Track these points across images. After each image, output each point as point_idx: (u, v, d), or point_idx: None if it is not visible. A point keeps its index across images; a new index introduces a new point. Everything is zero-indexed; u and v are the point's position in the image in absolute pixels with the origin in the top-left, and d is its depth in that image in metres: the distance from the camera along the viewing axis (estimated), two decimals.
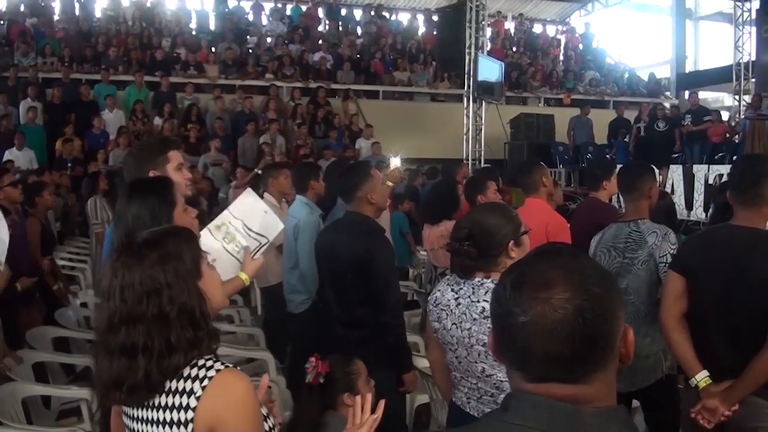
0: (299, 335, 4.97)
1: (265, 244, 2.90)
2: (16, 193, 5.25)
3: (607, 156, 13.98)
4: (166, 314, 1.62)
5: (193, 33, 16.72)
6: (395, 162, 6.44)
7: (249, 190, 3.10)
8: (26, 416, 3.76)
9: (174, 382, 1.62)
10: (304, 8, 18.72)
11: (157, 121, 13.01)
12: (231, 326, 5.67)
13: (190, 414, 1.60)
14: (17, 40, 14.32)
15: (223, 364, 1.66)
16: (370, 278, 3.46)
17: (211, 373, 1.62)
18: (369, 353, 3.27)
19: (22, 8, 16.06)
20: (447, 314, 2.58)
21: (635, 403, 3.73)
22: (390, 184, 5.72)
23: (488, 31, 16.93)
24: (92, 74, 14.14)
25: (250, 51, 16.30)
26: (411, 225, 7.71)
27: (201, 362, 1.64)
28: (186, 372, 1.62)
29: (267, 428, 1.78)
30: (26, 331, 4.63)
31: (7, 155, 11.21)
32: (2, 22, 15.41)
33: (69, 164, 11.43)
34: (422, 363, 4.12)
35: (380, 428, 3.42)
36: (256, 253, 2.84)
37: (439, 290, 2.70)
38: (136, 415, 1.68)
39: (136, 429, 1.69)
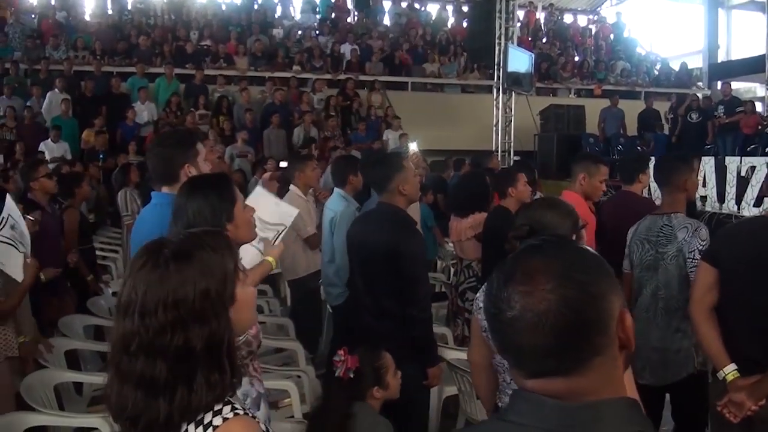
0: (337, 327, 5.02)
1: (283, 230, 2.98)
2: (50, 184, 5.31)
3: (638, 148, 13.81)
4: (192, 349, 1.41)
5: (222, 25, 16.79)
6: (413, 147, 6.39)
7: (258, 187, 3.18)
8: (58, 402, 3.83)
9: (186, 425, 1.44)
10: (332, 0, 18.72)
11: (197, 113, 13.12)
12: (261, 316, 5.70)
13: None
14: (48, 34, 14.50)
15: (233, 410, 1.45)
16: (400, 270, 3.46)
17: (217, 421, 1.42)
18: (396, 345, 3.28)
19: (53, 2, 16.23)
20: None
21: (668, 397, 3.71)
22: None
23: (518, 22, 16.79)
24: (123, 67, 14.29)
25: (279, 43, 16.34)
26: (435, 217, 7.69)
27: (216, 407, 1.45)
28: (203, 417, 1.44)
29: None
30: (59, 320, 4.71)
31: (42, 147, 11.43)
32: (33, 16, 15.58)
33: (101, 156, 11.57)
34: (450, 355, 4.12)
35: (403, 419, 3.45)
36: (276, 240, 2.91)
37: None
38: None
39: None
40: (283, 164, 9.63)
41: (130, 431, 1.44)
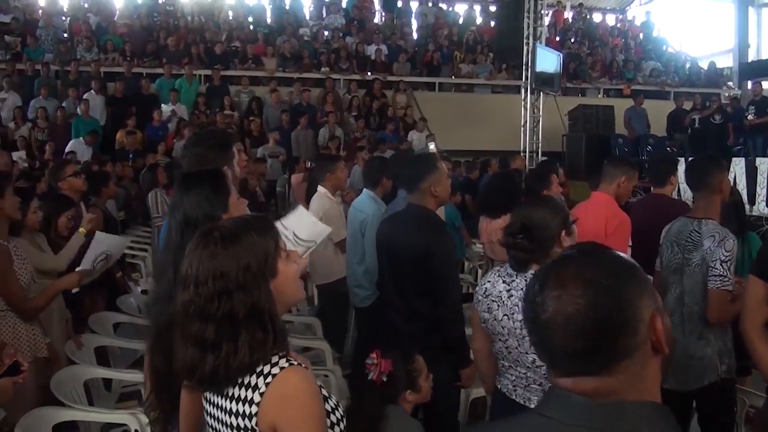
0: (364, 329, 5.00)
1: (312, 247, 3.02)
2: (79, 183, 5.35)
3: (668, 149, 13.64)
4: (235, 315, 1.66)
5: (251, 27, 16.89)
6: (431, 147, 6.36)
7: (300, 206, 3.23)
8: (88, 398, 3.87)
9: (249, 376, 1.67)
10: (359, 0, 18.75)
11: (221, 114, 13.21)
12: (289, 315, 5.71)
13: (254, 408, 1.65)
14: (79, 36, 14.70)
15: (288, 362, 1.69)
16: (431, 272, 3.44)
17: (275, 370, 1.66)
18: (426, 346, 3.26)
19: (84, 4, 16.42)
20: (498, 305, 2.66)
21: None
22: None
23: (546, 21, 16.67)
24: (153, 68, 14.44)
25: (307, 44, 16.39)
26: (463, 217, 7.64)
27: (271, 359, 1.69)
28: (258, 368, 1.67)
29: (335, 420, 1.83)
30: (89, 317, 4.75)
31: (70, 146, 11.58)
32: (64, 18, 15.79)
33: (131, 155, 11.69)
34: None
35: (434, 420, 3.43)
36: (303, 255, 2.93)
37: (489, 281, 2.76)
38: (212, 400, 1.76)
39: (211, 413, 1.78)
40: (310, 165, 9.66)
41: (187, 380, 1.76)
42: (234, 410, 1.68)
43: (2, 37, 14.21)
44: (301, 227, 3.00)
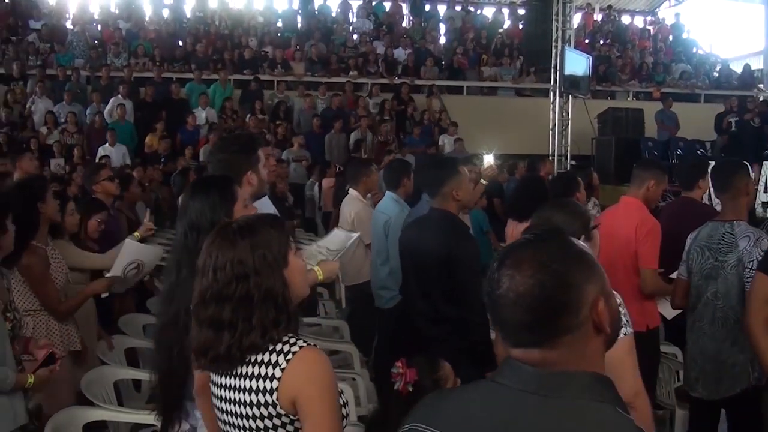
0: (386, 331, 4.99)
1: (341, 252, 3.05)
2: (112, 187, 5.41)
3: (698, 152, 13.46)
4: (251, 297, 1.79)
5: (279, 33, 17.00)
6: (488, 159, 6.35)
7: (335, 230, 3.31)
8: (117, 398, 3.91)
9: (261, 354, 1.79)
10: (387, 5, 18.77)
11: (252, 118, 13.30)
12: (316, 318, 5.72)
13: (275, 383, 1.76)
14: (109, 42, 14.91)
15: (305, 342, 1.83)
16: (455, 275, 3.44)
17: (295, 348, 1.79)
18: (451, 350, 3.24)
19: (114, 11, 16.65)
20: None
21: (724, 413, 3.59)
22: (484, 182, 5.68)
23: (575, 24, 16.54)
24: (182, 73, 14.58)
25: (336, 48, 16.45)
26: (491, 221, 7.59)
27: (286, 339, 1.81)
28: (273, 346, 1.79)
29: (342, 402, 1.90)
30: (119, 318, 4.81)
31: (101, 151, 11.74)
32: (95, 24, 16.02)
33: (162, 159, 11.81)
34: None
35: None
36: (335, 257, 2.98)
37: None
38: (222, 383, 1.86)
39: (222, 396, 1.87)
40: (339, 169, 9.69)
41: (200, 361, 1.85)
42: (253, 387, 1.79)
43: (33, 44, 14.44)
44: (333, 242, 3.12)
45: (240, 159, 2.94)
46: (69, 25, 15.59)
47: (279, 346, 1.80)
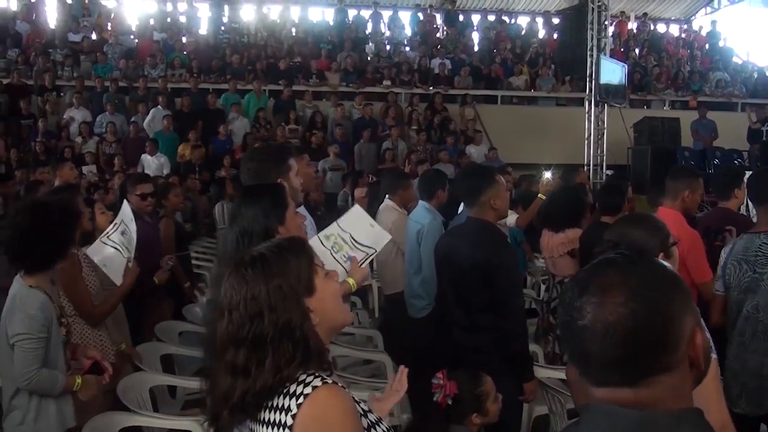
0: (420, 341, 4.97)
1: (372, 254, 3.00)
2: (142, 204, 5.32)
3: (736, 161, 13.23)
4: (264, 336, 1.64)
5: (313, 43, 17.10)
6: (548, 175, 6.33)
7: (356, 206, 3.22)
8: (153, 404, 3.94)
9: (277, 398, 1.62)
10: (421, 15, 18.81)
11: (287, 127, 13.39)
12: (350, 328, 5.72)
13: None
14: (146, 53, 15.14)
15: (322, 380, 1.63)
16: (493, 285, 3.42)
17: (307, 390, 1.60)
18: (488, 360, 3.22)
19: (151, 22, 16.91)
20: None
21: (763, 428, 3.51)
22: (542, 197, 5.65)
23: (610, 32, 16.41)
24: (218, 84, 14.74)
25: (369, 59, 16.52)
26: (525, 231, 7.52)
27: (302, 377, 1.63)
28: (287, 388, 1.62)
29: (371, 422, 1.78)
30: (155, 325, 4.86)
31: (142, 160, 11.95)
32: (132, 36, 16.28)
33: (197, 169, 11.95)
34: (541, 373, 4.01)
35: None
36: (363, 263, 2.93)
37: None
38: (251, 427, 1.69)
39: None
40: (372, 179, 9.70)
41: (222, 411, 1.68)
42: None
43: (71, 56, 14.72)
44: (360, 229, 3.02)
45: (270, 167, 2.97)
46: (107, 37, 15.84)
47: (292, 388, 1.61)
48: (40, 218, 2.95)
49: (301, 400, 1.59)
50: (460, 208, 5.10)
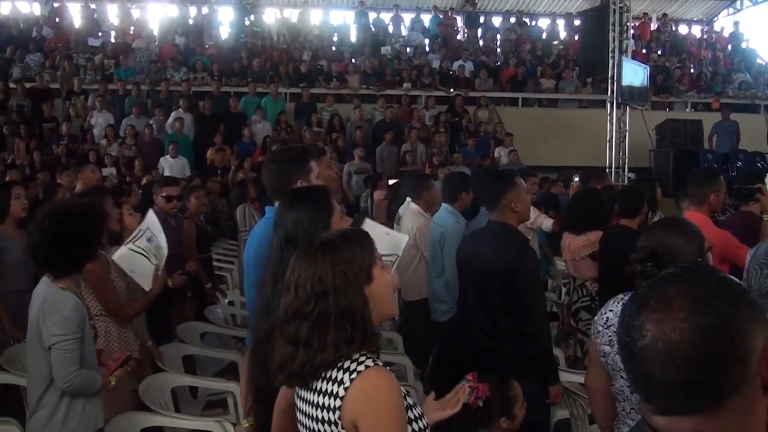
0: (442, 344, 4.96)
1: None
2: (167, 207, 5.41)
3: (759, 165, 13.05)
4: (328, 315, 1.78)
5: (335, 46, 17.16)
6: (577, 179, 6.33)
7: (367, 219, 3.23)
8: (174, 405, 3.97)
9: (332, 371, 1.78)
10: (442, 17, 18.80)
11: (309, 130, 13.43)
12: None
13: (338, 402, 1.75)
14: (168, 57, 15.26)
15: (374, 362, 1.79)
16: (516, 288, 3.40)
17: (361, 368, 1.76)
18: (511, 363, 3.21)
19: (172, 27, 17.00)
20: None
21: None
22: None
23: (632, 34, 16.28)
24: (240, 87, 14.82)
25: (390, 61, 16.54)
26: (546, 234, 7.49)
27: (356, 356, 1.79)
28: (342, 363, 1.78)
29: (418, 429, 1.86)
30: (177, 326, 4.90)
31: (162, 162, 12.02)
32: (155, 41, 16.42)
33: (219, 171, 12.03)
34: (563, 377, 3.97)
35: None
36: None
37: (611, 310, 2.54)
38: (301, 395, 1.88)
39: (300, 407, 1.89)
40: (393, 181, 9.70)
41: (278, 377, 1.86)
42: (320, 403, 1.78)
43: (93, 60, 14.87)
44: (377, 241, 3.03)
45: (291, 169, 2.96)
46: (130, 41, 15.99)
47: (347, 364, 1.78)
48: (66, 223, 2.96)
49: (354, 375, 1.75)
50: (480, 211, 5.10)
